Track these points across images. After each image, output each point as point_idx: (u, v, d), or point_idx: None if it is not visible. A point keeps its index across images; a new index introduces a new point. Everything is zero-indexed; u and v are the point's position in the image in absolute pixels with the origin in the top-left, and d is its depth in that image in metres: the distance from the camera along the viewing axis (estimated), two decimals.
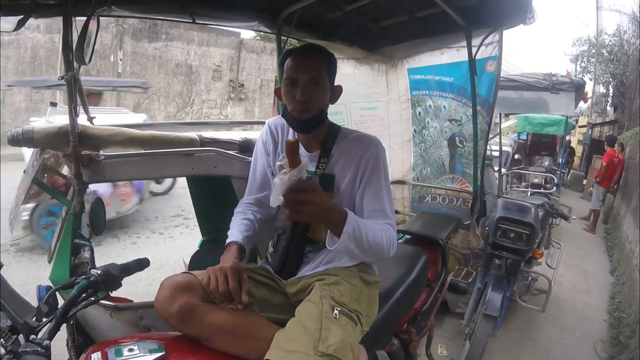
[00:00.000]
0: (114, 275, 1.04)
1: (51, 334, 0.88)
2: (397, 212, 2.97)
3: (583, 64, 15.59)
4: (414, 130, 2.96)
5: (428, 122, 2.85)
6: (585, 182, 10.36)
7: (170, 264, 3.68)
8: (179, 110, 12.50)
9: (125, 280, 1.11)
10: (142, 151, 1.59)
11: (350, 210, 1.22)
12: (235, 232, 1.29)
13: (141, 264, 1.17)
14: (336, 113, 2.61)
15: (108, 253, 3.88)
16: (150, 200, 5.85)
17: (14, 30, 1.64)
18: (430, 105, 2.82)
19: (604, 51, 14.06)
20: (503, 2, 1.76)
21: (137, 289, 3.09)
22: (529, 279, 3.25)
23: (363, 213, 1.24)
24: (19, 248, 3.87)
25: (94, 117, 1.73)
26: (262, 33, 2.35)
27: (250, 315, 1.12)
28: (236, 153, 1.74)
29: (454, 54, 2.49)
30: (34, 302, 0.97)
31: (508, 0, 1.72)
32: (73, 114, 1.39)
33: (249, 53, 13.46)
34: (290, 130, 1.37)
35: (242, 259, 1.23)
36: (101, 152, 1.48)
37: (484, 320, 2.45)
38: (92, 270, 1.02)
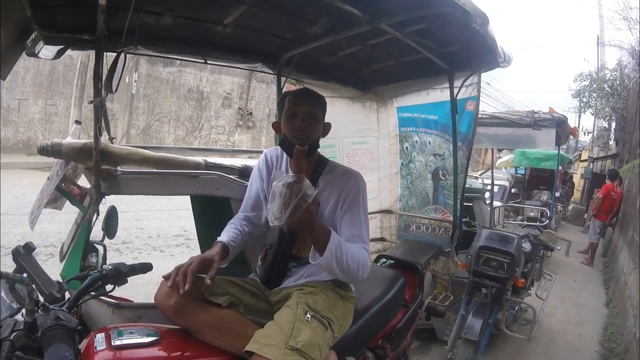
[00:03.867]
0: (122, 272, 1.22)
1: None
2: (384, 239, 3.12)
3: (585, 99, 15.71)
4: (402, 164, 3.13)
5: (414, 157, 3.03)
6: (586, 215, 10.36)
7: None
8: (187, 134, 12.74)
9: (125, 294, 1.28)
10: (154, 170, 1.78)
11: None
12: (224, 236, 1.47)
13: (145, 267, 1.35)
14: (329, 146, 2.80)
15: None
16: (154, 219, 6.04)
17: (53, 59, 1.91)
18: (416, 141, 3.00)
19: (605, 86, 14.21)
20: (476, 48, 1.94)
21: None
22: (516, 308, 3.30)
23: (342, 237, 1.40)
24: None
25: (114, 137, 1.96)
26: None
27: (236, 316, 1.29)
28: (236, 178, 1.93)
29: (438, 94, 2.67)
30: None
31: (480, 47, 1.89)
32: (97, 133, 1.59)
33: (259, 83, 13.80)
34: (284, 159, 1.59)
35: (225, 257, 1.38)
36: (119, 168, 1.67)
37: (464, 345, 2.53)
38: (103, 265, 1.20)
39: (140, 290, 3.31)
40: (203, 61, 2.11)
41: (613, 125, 15.37)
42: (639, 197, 5.38)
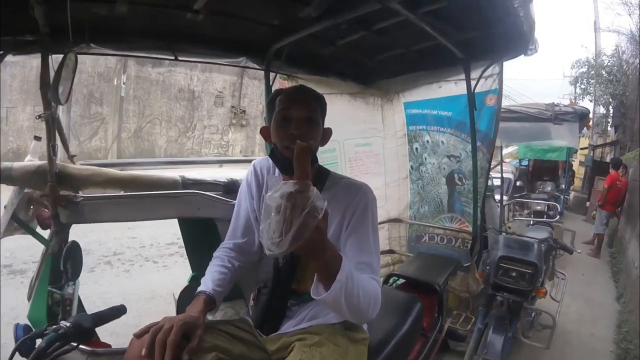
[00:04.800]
0: (85, 328, 0.96)
1: None
2: (393, 251, 2.91)
3: (583, 86, 15.66)
4: (411, 167, 2.91)
5: (425, 159, 2.81)
6: (588, 204, 10.23)
7: (162, 295, 3.55)
8: (180, 135, 12.63)
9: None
10: (123, 193, 1.56)
11: None
12: (208, 280, 1.23)
13: (117, 312, 1.11)
14: (330, 150, 2.58)
15: (100, 280, 3.77)
16: (147, 226, 5.80)
17: None
18: (427, 141, 2.77)
19: (603, 72, 14.17)
20: (503, 33, 1.69)
21: (126, 320, 2.99)
22: (532, 314, 3.12)
23: None
24: (11, 270, 3.79)
25: (75, 155, 1.69)
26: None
27: None
28: (221, 195, 1.72)
29: (452, 88, 2.44)
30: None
31: (508, 31, 1.65)
32: (51, 153, 1.36)
33: (251, 80, 13.67)
34: (277, 171, 1.30)
35: (211, 309, 1.18)
36: (80, 193, 1.44)
37: None
38: (61, 321, 0.95)
39: (132, 307, 3.06)
40: (173, 58, 1.81)
41: (611, 111, 15.28)
42: None
